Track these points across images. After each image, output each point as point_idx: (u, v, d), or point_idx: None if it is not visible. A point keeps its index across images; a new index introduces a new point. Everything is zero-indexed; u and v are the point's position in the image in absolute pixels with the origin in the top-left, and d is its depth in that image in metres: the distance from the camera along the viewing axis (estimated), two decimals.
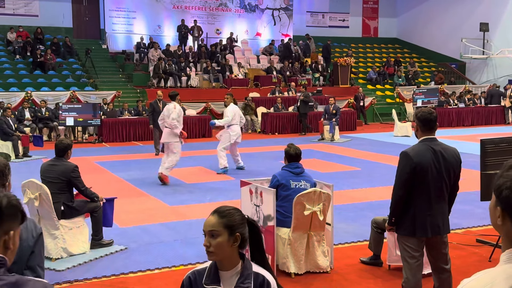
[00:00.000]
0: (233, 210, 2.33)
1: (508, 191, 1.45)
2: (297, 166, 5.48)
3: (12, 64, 20.78)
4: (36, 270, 2.33)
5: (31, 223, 2.37)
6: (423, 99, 20.46)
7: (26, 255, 2.29)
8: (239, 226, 2.29)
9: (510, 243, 1.48)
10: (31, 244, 2.32)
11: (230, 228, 2.28)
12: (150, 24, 24.45)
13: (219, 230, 2.28)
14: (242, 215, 2.33)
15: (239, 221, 2.30)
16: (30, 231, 2.34)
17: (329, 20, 29.56)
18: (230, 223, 2.29)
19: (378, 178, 10.25)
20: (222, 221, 2.29)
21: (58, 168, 5.91)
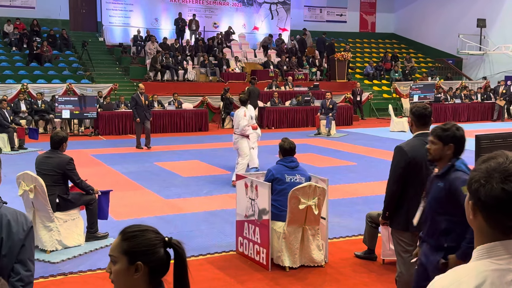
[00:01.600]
0: (140, 232, 1.89)
1: (477, 184, 1.42)
2: (292, 160, 5.49)
3: (8, 56, 20.68)
4: (27, 263, 2.32)
5: (21, 217, 2.36)
6: (420, 94, 20.48)
7: (17, 248, 2.29)
8: (144, 253, 1.85)
9: (482, 239, 1.44)
10: (22, 238, 2.31)
11: (129, 255, 1.85)
12: (147, 17, 24.36)
13: (116, 256, 1.87)
14: (151, 239, 1.88)
15: (145, 246, 1.86)
16: (20, 224, 2.33)
17: (327, 15, 29.51)
18: (130, 248, 1.86)
19: (373, 173, 10.28)
20: (122, 245, 1.88)
21: (53, 161, 5.90)
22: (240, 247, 5.78)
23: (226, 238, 6.29)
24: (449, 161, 3.34)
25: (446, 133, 3.34)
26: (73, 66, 20.76)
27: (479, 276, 1.38)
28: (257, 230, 5.44)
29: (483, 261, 1.41)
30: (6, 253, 2.25)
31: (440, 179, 3.32)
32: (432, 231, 3.36)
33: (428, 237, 3.39)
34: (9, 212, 2.32)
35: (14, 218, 2.31)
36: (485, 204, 1.40)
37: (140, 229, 1.92)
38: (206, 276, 5.17)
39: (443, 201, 3.27)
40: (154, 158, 11.98)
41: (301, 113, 19.00)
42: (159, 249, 1.89)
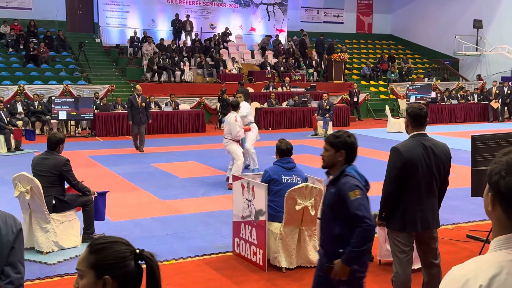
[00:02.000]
0: (108, 244, 1.79)
1: (497, 176, 1.45)
2: (289, 161, 5.50)
3: (5, 57, 20.66)
4: (17, 266, 2.30)
5: (10, 219, 2.34)
6: (417, 95, 20.52)
7: (7, 251, 2.26)
8: (111, 267, 1.75)
9: (500, 230, 1.47)
10: (11, 240, 2.28)
11: (97, 269, 1.75)
12: (144, 18, 24.35)
13: (83, 270, 1.77)
14: (120, 251, 1.78)
15: (113, 259, 1.76)
16: (9, 226, 2.31)
17: (324, 16, 29.56)
18: (97, 262, 1.75)
19: (370, 174, 10.21)
20: (88, 259, 1.77)
21: (49, 162, 5.89)
22: (236, 248, 5.78)
23: (223, 239, 6.29)
24: (341, 167, 3.36)
25: (338, 140, 3.38)
26: (70, 67, 20.74)
27: (496, 266, 1.42)
28: (254, 231, 5.44)
29: (501, 251, 1.45)
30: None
31: (332, 185, 3.36)
32: (328, 237, 3.40)
33: (325, 244, 3.43)
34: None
35: (3, 220, 2.29)
36: (505, 196, 1.44)
37: (108, 241, 1.80)
38: (202, 277, 5.17)
39: (335, 206, 3.31)
40: (151, 159, 11.97)
41: (298, 114, 19.02)
42: (129, 262, 1.77)
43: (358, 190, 3.25)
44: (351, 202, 3.21)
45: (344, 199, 3.24)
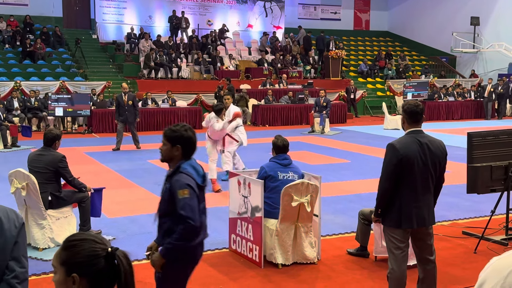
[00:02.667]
0: (78, 242, 1.76)
1: None
2: (285, 157, 5.50)
3: (1, 53, 20.58)
4: (21, 260, 2.29)
5: (12, 213, 2.33)
6: (413, 92, 20.54)
7: (10, 245, 2.25)
8: (80, 265, 1.71)
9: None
10: (14, 234, 2.28)
11: (66, 266, 1.73)
12: (141, 15, 24.29)
13: (55, 266, 1.77)
14: (88, 250, 1.73)
15: (83, 257, 1.72)
16: (12, 221, 2.30)
17: (321, 13, 29.54)
18: (68, 259, 1.73)
19: (367, 171, 10.30)
20: (60, 255, 1.76)
21: (45, 158, 5.88)
22: (233, 245, 5.78)
23: (219, 235, 6.29)
24: (178, 162, 3.32)
25: (174, 134, 3.31)
26: (67, 63, 20.69)
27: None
28: (250, 228, 5.45)
29: None
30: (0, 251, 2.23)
31: (168, 180, 3.33)
32: (160, 230, 3.41)
33: (158, 237, 3.45)
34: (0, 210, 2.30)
35: (5, 215, 2.29)
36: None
37: (80, 238, 1.77)
38: (199, 273, 5.17)
39: (167, 201, 3.28)
40: (147, 156, 11.96)
41: (295, 110, 19.02)
42: (98, 260, 1.73)
43: (187, 190, 3.19)
44: (178, 200, 3.18)
45: (173, 196, 3.21)
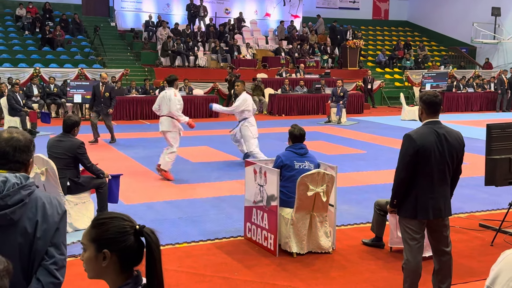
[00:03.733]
0: (108, 220, 1.86)
1: None
2: (301, 146, 5.50)
3: (21, 40, 20.79)
4: (61, 247, 2.32)
5: (55, 200, 2.37)
6: (432, 83, 20.32)
7: (52, 231, 2.29)
8: (111, 241, 1.82)
9: None
10: (57, 221, 2.31)
11: (97, 243, 1.84)
12: (159, 2, 24.31)
13: (85, 244, 1.87)
14: (118, 226, 1.84)
15: (112, 234, 1.83)
16: (55, 207, 2.34)
17: (339, 2, 29.27)
18: (98, 236, 1.84)
19: (383, 162, 10.26)
20: (90, 233, 1.87)
21: (64, 144, 5.96)
22: (248, 233, 5.82)
23: (234, 223, 6.34)
24: None
25: None
26: (85, 51, 20.83)
27: None
28: (265, 216, 5.47)
29: None
30: (41, 236, 2.26)
31: None
32: None
33: None
34: (43, 195, 2.34)
35: (49, 201, 2.33)
36: None
37: (109, 216, 1.87)
38: (214, 261, 5.22)
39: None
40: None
41: (311, 100, 18.95)
42: (128, 236, 1.83)
43: None
44: None
45: None
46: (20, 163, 2.38)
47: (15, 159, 2.36)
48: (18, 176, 2.29)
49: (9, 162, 2.35)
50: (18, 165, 2.37)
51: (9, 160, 2.35)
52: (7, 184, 2.24)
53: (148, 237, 1.84)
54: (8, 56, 19.14)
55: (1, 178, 2.25)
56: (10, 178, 2.26)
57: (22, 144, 2.37)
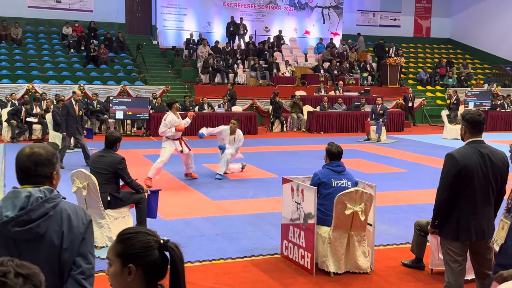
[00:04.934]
0: (133, 235, 1.88)
1: None
2: (338, 164, 5.44)
3: (67, 57, 21.47)
4: (88, 257, 2.36)
5: (81, 211, 2.42)
6: (475, 101, 19.88)
7: (78, 241, 2.34)
8: (136, 256, 1.84)
9: None
10: (82, 231, 2.36)
11: (122, 257, 1.86)
12: (200, 21, 24.74)
13: (111, 259, 1.89)
14: (143, 241, 1.86)
15: (137, 249, 1.85)
16: (80, 218, 2.39)
17: (380, 19, 29.12)
18: (124, 251, 1.86)
19: (424, 181, 10.05)
20: (116, 248, 1.89)
21: (106, 160, 6.08)
22: (285, 251, 5.78)
23: (271, 241, 6.30)
24: None
25: None
26: (128, 68, 21.33)
27: None
28: (302, 234, 5.42)
29: None
30: (68, 247, 2.31)
31: None
32: None
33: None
34: (68, 206, 2.39)
35: (74, 212, 2.38)
36: None
37: (134, 231, 1.90)
38: (250, 278, 5.20)
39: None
40: (202, 160, 12.13)
41: (350, 118, 18.81)
42: (153, 251, 1.86)
43: None
44: None
45: None
46: (43, 177, 2.42)
47: (37, 173, 2.40)
48: (42, 190, 2.34)
49: (32, 177, 2.40)
50: (41, 179, 2.41)
51: (31, 175, 2.39)
52: (31, 198, 2.29)
53: (173, 251, 1.86)
54: (54, 73, 19.79)
55: (25, 193, 2.31)
56: (33, 193, 2.31)
57: (43, 158, 2.41)
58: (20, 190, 2.34)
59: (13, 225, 2.26)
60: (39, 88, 17.93)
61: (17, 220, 2.26)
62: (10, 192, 2.35)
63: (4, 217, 2.26)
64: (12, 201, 2.30)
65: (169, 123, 9.55)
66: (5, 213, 2.27)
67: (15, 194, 2.32)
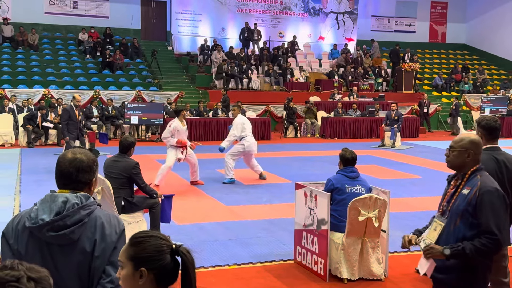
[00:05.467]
0: (146, 238, 1.90)
1: None
2: (352, 170, 5.42)
3: (83, 63, 21.69)
4: (118, 266, 2.39)
5: (114, 219, 2.43)
6: (491, 107, 19.70)
7: (109, 250, 2.34)
8: (148, 260, 1.86)
9: None
10: (114, 240, 2.36)
11: (134, 261, 1.88)
12: (215, 27, 24.85)
13: (123, 261, 1.91)
14: (156, 245, 1.88)
15: (149, 252, 1.87)
16: (113, 227, 2.39)
17: (395, 25, 29.01)
18: (136, 254, 1.88)
19: (439, 187, 9.89)
20: (128, 251, 1.91)
21: (120, 164, 6.12)
22: (298, 257, 5.76)
23: (284, 246, 6.29)
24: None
25: None
26: (143, 74, 21.48)
27: None
28: (316, 240, 5.40)
29: None
30: (99, 255, 2.32)
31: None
32: None
33: None
34: (102, 215, 2.40)
35: (107, 220, 2.38)
36: None
37: (147, 235, 1.92)
38: (263, 284, 5.19)
39: None
40: (216, 165, 12.15)
41: (365, 124, 18.73)
42: (165, 256, 1.88)
43: None
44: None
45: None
46: (83, 183, 2.44)
47: (78, 179, 2.42)
48: (79, 196, 2.36)
49: (72, 182, 2.42)
50: (81, 185, 2.44)
51: (72, 180, 2.42)
52: (67, 204, 2.31)
53: (184, 256, 1.88)
54: (70, 78, 20.00)
55: (62, 198, 2.33)
56: (70, 199, 2.33)
57: (85, 165, 2.44)
58: (58, 195, 2.36)
59: (48, 229, 2.28)
60: (55, 93, 18.13)
61: (52, 225, 2.28)
62: (48, 196, 2.37)
63: (40, 220, 2.29)
64: (49, 205, 2.32)
65: (173, 129, 9.60)
66: (41, 216, 2.30)
67: (53, 198, 2.34)
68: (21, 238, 2.33)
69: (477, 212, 2.98)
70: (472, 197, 3.02)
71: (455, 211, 3.09)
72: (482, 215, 2.95)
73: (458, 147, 3.17)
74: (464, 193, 3.09)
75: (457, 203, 3.11)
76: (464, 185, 3.13)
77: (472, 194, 3.03)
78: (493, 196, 2.99)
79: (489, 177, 3.15)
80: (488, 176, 3.15)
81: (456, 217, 3.08)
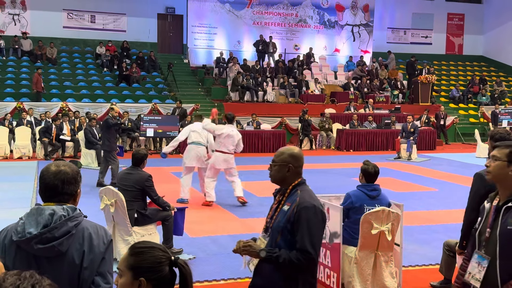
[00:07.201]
0: (147, 249, 1.94)
1: None
2: (374, 188, 5.21)
3: (100, 76, 21.95)
4: (107, 276, 2.39)
5: (101, 230, 2.45)
6: (509, 119, 19.45)
7: (98, 261, 2.37)
8: (148, 270, 1.90)
9: None
10: (102, 251, 2.39)
11: (134, 270, 1.91)
12: (230, 40, 25.00)
13: (122, 270, 1.94)
14: (156, 257, 1.92)
15: (150, 263, 1.91)
16: (101, 237, 2.41)
17: (411, 37, 28.90)
18: (136, 264, 1.92)
19: (456, 200, 9.83)
20: (128, 260, 1.94)
21: (133, 177, 6.15)
22: None
23: None
24: None
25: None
26: (159, 86, 21.65)
27: None
28: (328, 254, 5.36)
29: None
30: (88, 266, 2.33)
31: None
32: None
33: None
34: (90, 226, 2.42)
35: (95, 231, 2.41)
36: None
37: (147, 246, 1.97)
38: None
39: None
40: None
41: (381, 136, 18.62)
42: (164, 267, 1.93)
43: None
44: None
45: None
46: (68, 195, 2.46)
47: (64, 191, 2.44)
48: (66, 208, 2.38)
49: (58, 195, 2.44)
50: (66, 197, 2.45)
51: (58, 192, 2.43)
52: (55, 216, 2.33)
53: (183, 268, 1.94)
54: (87, 91, 20.24)
55: (49, 211, 2.34)
56: (57, 211, 2.34)
57: (70, 177, 2.45)
58: (44, 208, 2.37)
59: (36, 242, 2.29)
60: (73, 107, 18.35)
61: (40, 238, 2.29)
62: (34, 209, 2.38)
63: (27, 234, 2.30)
64: (36, 218, 2.33)
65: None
66: (28, 229, 2.31)
67: (39, 211, 2.36)
68: (9, 252, 2.34)
69: (294, 229, 2.92)
70: (290, 213, 2.96)
71: (276, 228, 3.03)
72: (298, 233, 2.90)
73: (279, 161, 3.14)
74: (284, 209, 3.03)
75: (278, 220, 3.04)
76: (285, 201, 3.07)
77: (291, 210, 2.97)
78: (310, 213, 2.92)
79: (309, 192, 3.06)
80: (308, 191, 3.07)
81: (277, 234, 3.02)
